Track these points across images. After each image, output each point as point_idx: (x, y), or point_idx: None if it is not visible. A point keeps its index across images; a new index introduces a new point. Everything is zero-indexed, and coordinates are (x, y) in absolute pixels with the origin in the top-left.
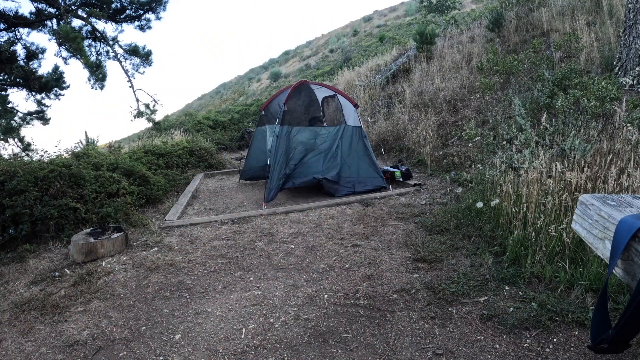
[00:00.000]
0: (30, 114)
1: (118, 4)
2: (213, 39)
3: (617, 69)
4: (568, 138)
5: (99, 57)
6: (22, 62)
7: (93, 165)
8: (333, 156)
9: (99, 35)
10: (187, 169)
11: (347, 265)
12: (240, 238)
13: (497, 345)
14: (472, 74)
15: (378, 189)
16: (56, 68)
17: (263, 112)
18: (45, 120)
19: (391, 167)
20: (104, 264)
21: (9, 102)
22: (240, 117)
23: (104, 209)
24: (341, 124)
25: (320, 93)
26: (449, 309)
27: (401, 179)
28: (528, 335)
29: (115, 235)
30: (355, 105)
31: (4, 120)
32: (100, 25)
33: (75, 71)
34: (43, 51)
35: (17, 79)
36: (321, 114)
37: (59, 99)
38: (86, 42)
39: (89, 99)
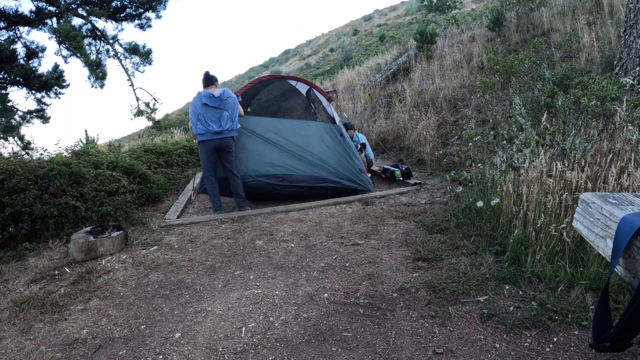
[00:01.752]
0: (30, 112)
1: (118, 3)
2: (213, 38)
3: (617, 68)
4: (568, 137)
5: (99, 56)
6: (22, 61)
7: (93, 163)
8: (303, 155)
9: (99, 33)
10: (187, 168)
11: (347, 264)
12: (240, 237)
13: (498, 345)
14: (472, 74)
15: (360, 191)
16: (56, 67)
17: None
18: (45, 119)
19: (391, 166)
20: (103, 263)
21: (9, 101)
22: None
23: (104, 207)
24: (316, 119)
25: (301, 87)
26: (449, 308)
27: (401, 178)
28: (528, 335)
29: (115, 233)
30: (329, 99)
31: (4, 119)
32: (100, 23)
33: (75, 70)
34: (43, 50)
35: (17, 78)
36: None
37: (59, 98)
38: (86, 41)
39: (89, 98)
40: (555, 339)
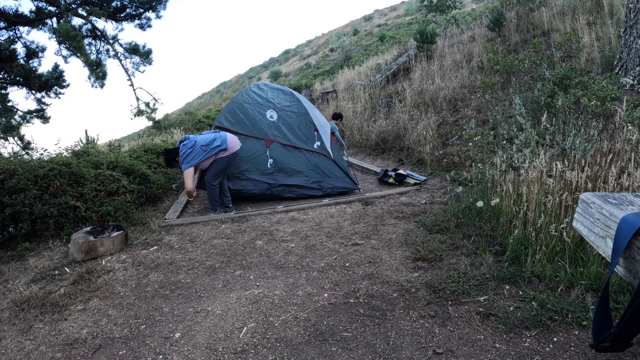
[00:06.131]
0: (30, 112)
1: (118, 3)
2: (213, 38)
3: (617, 68)
4: (568, 137)
5: (99, 56)
6: (22, 61)
7: (93, 163)
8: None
9: (99, 33)
10: None
11: (347, 264)
12: (240, 237)
13: (498, 345)
14: (472, 74)
15: (347, 191)
16: (56, 66)
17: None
18: (45, 119)
19: (392, 170)
20: (103, 263)
21: (9, 101)
22: None
23: (104, 207)
24: None
25: None
26: (449, 308)
27: (396, 183)
28: (528, 335)
29: (115, 233)
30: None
31: (4, 119)
32: (100, 23)
33: (75, 70)
34: (43, 50)
35: (17, 78)
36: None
37: (59, 98)
38: (86, 41)
39: (89, 98)
40: (555, 339)
